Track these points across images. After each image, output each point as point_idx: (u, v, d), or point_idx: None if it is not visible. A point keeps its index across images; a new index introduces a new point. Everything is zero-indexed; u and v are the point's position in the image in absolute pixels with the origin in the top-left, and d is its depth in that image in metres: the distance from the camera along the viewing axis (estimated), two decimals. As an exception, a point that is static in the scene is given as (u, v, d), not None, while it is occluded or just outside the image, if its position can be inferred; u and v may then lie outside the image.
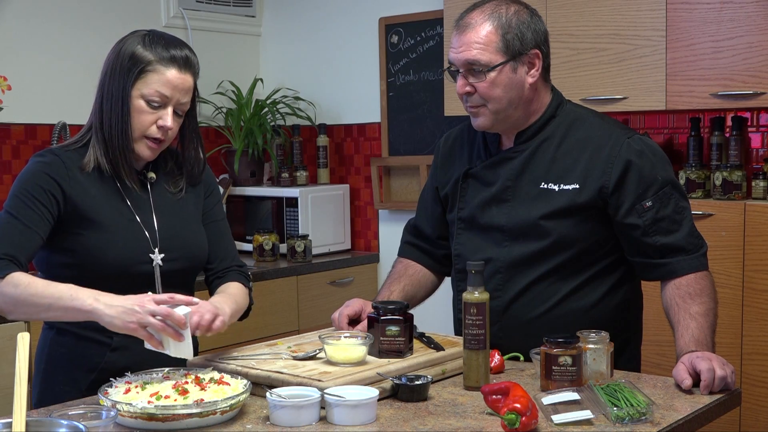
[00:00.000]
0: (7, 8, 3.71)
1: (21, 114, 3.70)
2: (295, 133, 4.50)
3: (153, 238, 2.06)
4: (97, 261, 1.99)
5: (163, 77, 2.00)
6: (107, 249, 2.00)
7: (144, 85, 1.99)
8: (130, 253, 2.02)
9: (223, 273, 2.20)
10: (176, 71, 2.01)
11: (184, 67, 2.03)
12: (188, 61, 2.05)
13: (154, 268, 2.05)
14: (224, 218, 2.26)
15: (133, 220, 2.06)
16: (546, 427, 1.67)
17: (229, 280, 2.18)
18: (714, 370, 1.87)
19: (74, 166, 2.03)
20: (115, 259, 2.00)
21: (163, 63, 2.00)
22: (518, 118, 2.16)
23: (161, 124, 2.01)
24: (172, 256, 2.08)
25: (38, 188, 1.97)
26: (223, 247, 2.22)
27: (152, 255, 2.05)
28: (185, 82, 2.04)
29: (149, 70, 1.99)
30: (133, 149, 2.04)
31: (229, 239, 2.25)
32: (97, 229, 2.00)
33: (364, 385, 1.78)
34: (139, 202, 2.08)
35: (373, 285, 4.28)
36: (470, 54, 2.08)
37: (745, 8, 3.07)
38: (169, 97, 2.01)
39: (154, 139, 2.03)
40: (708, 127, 3.46)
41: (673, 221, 2.10)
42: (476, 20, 2.09)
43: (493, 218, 2.18)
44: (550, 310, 2.14)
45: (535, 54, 2.11)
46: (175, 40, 2.08)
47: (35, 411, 1.84)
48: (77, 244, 2.00)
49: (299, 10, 4.63)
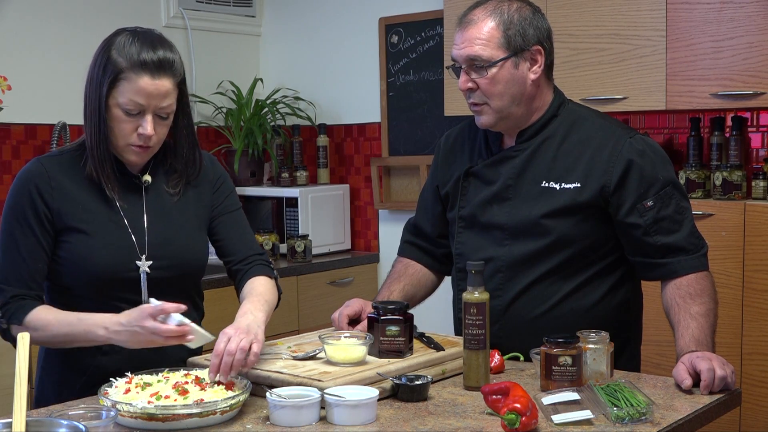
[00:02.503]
0: (7, 8, 3.71)
1: (21, 114, 3.70)
2: (295, 133, 4.50)
3: (141, 245, 2.02)
4: (82, 268, 1.98)
5: (135, 86, 1.92)
6: (91, 256, 1.97)
7: (118, 93, 1.93)
8: (114, 260, 1.99)
9: (245, 265, 2.14)
10: (148, 78, 1.92)
11: (157, 72, 1.92)
12: (162, 64, 1.94)
13: (140, 275, 2.01)
14: (238, 209, 2.21)
15: (122, 226, 2.02)
16: (546, 427, 1.67)
17: (253, 275, 2.13)
18: (714, 370, 1.87)
19: (61, 174, 2.00)
20: (100, 266, 1.97)
21: (135, 70, 1.91)
22: (521, 116, 2.16)
23: (140, 132, 1.95)
24: (161, 264, 2.03)
25: (29, 211, 1.97)
26: (238, 238, 2.17)
27: (139, 262, 2.01)
28: (160, 87, 1.93)
29: (122, 78, 1.92)
30: (117, 157, 2.01)
31: (244, 229, 2.20)
32: (82, 236, 1.98)
33: (364, 385, 1.78)
34: (132, 207, 2.04)
35: (373, 285, 4.28)
36: (472, 50, 2.09)
37: (745, 8, 3.07)
38: (144, 105, 1.93)
39: (139, 145, 1.98)
40: (708, 127, 3.46)
41: (674, 221, 2.10)
42: (478, 17, 2.10)
43: (494, 217, 2.18)
44: (550, 309, 2.14)
45: (537, 50, 2.11)
46: (151, 40, 1.96)
47: (35, 411, 1.84)
48: (64, 251, 1.99)
49: (299, 10, 4.63)
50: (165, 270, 2.04)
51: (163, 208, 2.08)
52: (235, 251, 2.16)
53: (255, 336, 1.87)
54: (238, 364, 1.80)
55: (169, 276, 2.05)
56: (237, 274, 2.15)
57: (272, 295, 2.09)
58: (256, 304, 2.00)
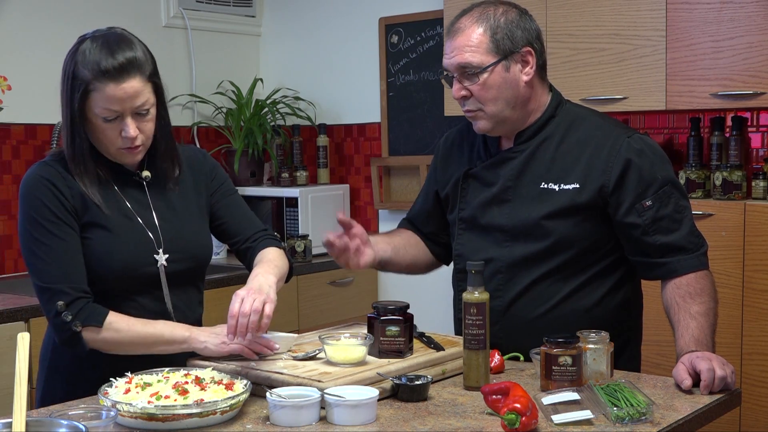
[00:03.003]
0: (7, 8, 3.71)
1: (21, 114, 3.70)
2: (295, 133, 4.50)
3: (156, 239, 2.05)
4: (104, 264, 1.99)
5: (104, 95, 1.91)
6: (114, 252, 2.00)
7: (92, 104, 1.93)
8: (136, 256, 2.02)
9: (253, 243, 2.18)
10: (114, 85, 1.90)
11: (120, 76, 1.91)
12: (124, 67, 1.92)
13: (159, 269, 2.04)
14: (236, 192, 2.25)
15: (136, 222, 2.05)
16: (546, 427, 1.67)
17: (262, 248, 2.16)
18: (714, 370, 1.87)
19: (69, 174, 2.00)
20: (122, 262, 2.00)
21: (99, 80, 1.91)
22: (517, 119, 2.16)
23: (124, 135, 1.95)
24: (176, 257, 2.07)
25: (58, 209, 1.96)
26: (240, 217, 2.21)
27: (156, 256, 2.04)
28: (128, 90, 1.92)
29: (90, 89, 1.92)
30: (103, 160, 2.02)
31: (245, 209, 2.23)
32: (104, 232, 2.00)
33: (364, 385, 1.78)
34: (140, 204, 2.07)
35: (373, 285, 4.28)
36: (462, 58, 2.10)
37: (745, 8, 3.07)
38: (119, 110, 1.93)
39: (128, 147, 1.98)
40: (708, 127, 3.46)
41: (673, 220, 2.10)
42: (465, 24, 2.12)
43: (494, 218, 2.19)
44: (550, 310, 2.14)
45: (527, 51, 2.12)
46: (109, 45, 1.94)
47: (35, 411, 1.84)
48: (85, 248, 1.99)
49: (299, 10, 4.63)
50: (179, 263, 2.08)
51: (168, 202, 2.11)
52: (240, 231, 2.20)
53: (267, 296, 1.93)
54: (253, 325, 1.88)
55: (183, 269, 2.08)
56: (246, 252, 2.19)
57: (283, 262, 2.13)
58: (266, 268, 2.05)
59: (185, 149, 2.20)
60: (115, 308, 2.00)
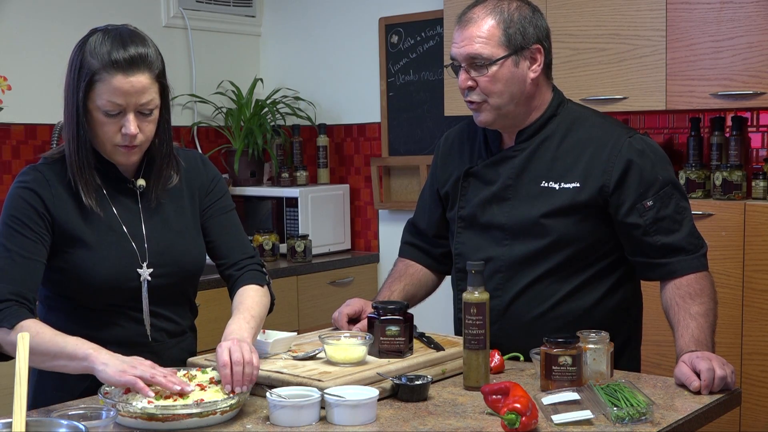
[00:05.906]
0: (7, 8, 3.71)
1: (21, 114, 3.70)
2: (295, 133, 4.50)
3: (141, 252, 1.99)
4: (84, 279, 1.94)
5: (110, 86, 1.86)
6: (94, 267, 1.94)
7: (96, 96, 1.88)
8: (116, 271, 1.96)
9: (237, 271, 2.11)
10: (122, 76, 1.86)
11: (130, 69, 1.87)
12: (134, 61, 1.88)
13: (141, 283, 1.99)
14: (232, 210, 2.17)
15: (122, 234, 1.99)
16: (546, 427, 1.67)
17: (243, 283, 2.08)
18: (714, 369, 1.87)
19: (59, 180, 1.96)
20: (103, 276, 1.94)
21: (108, 70, 1.86)
22: (519, 115, 2.16)
23: (124, 132, 1.90)
24: (161, 271, 2.01)
25: (27, 212, 1.92)
26: (229, 240, 2.13)
27: (140, 270, 1.98)
28: (135, 84, 1.88)
29: (96, 80, 1.87)
30: (110, 162, 1.98)
31: (236, 231, 2.15)
32: (84, 247, 1.95)
33: (364, 385, 1.78)
34: (129, 214, 2.01)
35: (373, 285, 4.28)
36: (472, 48, 2.09)
37: (745, 8, 3.07)
38: (123, 104, 1.88)
39: (125, 145, 1.93)
40: (708, 127, 3.46)
41: (673, 221, 2.10)
42: (478, 15, 2.11)
43: (494, 217, 2.18)
44: (550, 309, 2.14)
45: (537, 49, 2.12)
46: (122, 37, 1.91)
47: (35, 411, 1.84)
48: (64, 263, 1.95)
49: (299, 10, 4.63)
50: (165, 277, 2.02)
51: (161, 212, 2.05)
52: (227, 254, 2.13)
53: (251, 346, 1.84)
54: (248, 377, 1.77)
55: (168, 282, 2.03)
56: (229, 279, 2.13)
57: (261, 307, 2.04)
58: (242, 323, 1.95)
59: (184, 153, 2.14)
60: (99, 321, 1.96)
